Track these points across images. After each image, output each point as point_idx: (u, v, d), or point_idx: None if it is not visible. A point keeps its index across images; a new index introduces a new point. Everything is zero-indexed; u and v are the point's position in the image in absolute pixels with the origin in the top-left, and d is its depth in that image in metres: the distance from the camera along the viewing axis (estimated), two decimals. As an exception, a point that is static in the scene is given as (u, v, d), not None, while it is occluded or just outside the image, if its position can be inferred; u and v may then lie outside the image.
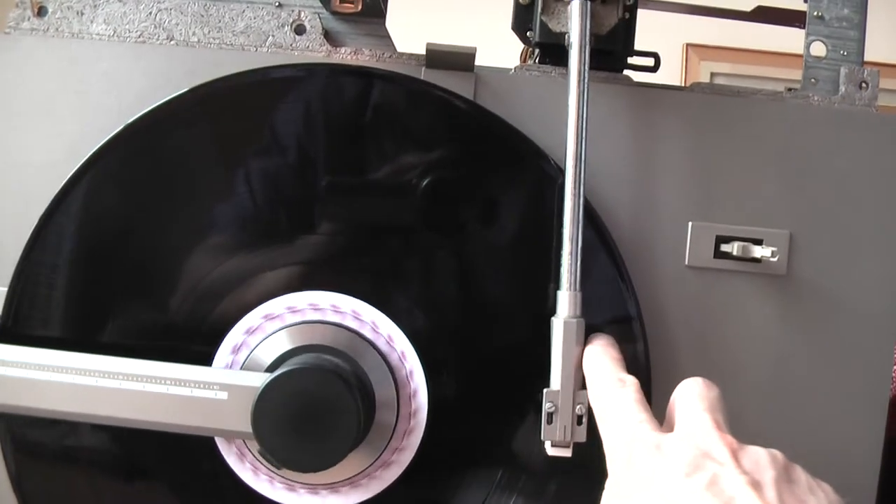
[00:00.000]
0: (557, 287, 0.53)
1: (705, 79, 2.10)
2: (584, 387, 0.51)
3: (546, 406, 0.51)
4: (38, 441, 0.58)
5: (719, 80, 1.97)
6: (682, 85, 0.61)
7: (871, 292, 0.60)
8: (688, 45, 2.06)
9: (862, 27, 0.62)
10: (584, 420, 0.51)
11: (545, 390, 0.51)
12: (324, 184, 0.57)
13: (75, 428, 0.57)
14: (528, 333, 0.56)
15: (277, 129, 0.57)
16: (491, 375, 0.58)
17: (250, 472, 0.58)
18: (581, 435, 0.51)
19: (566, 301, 0.52)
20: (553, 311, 0.53)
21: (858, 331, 0.60)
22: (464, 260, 0.58)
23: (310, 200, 0.57)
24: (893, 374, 0.67)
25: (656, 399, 0.57)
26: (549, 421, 0.51)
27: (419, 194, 0.57)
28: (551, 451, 0.51)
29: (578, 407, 0.51)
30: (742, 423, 0.58)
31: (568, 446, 0.51)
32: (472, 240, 0.58)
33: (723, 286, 0.59)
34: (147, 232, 0.57)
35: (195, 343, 0.57)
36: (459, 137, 0.58)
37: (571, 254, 0.52)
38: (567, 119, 0.53)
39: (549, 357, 0.52)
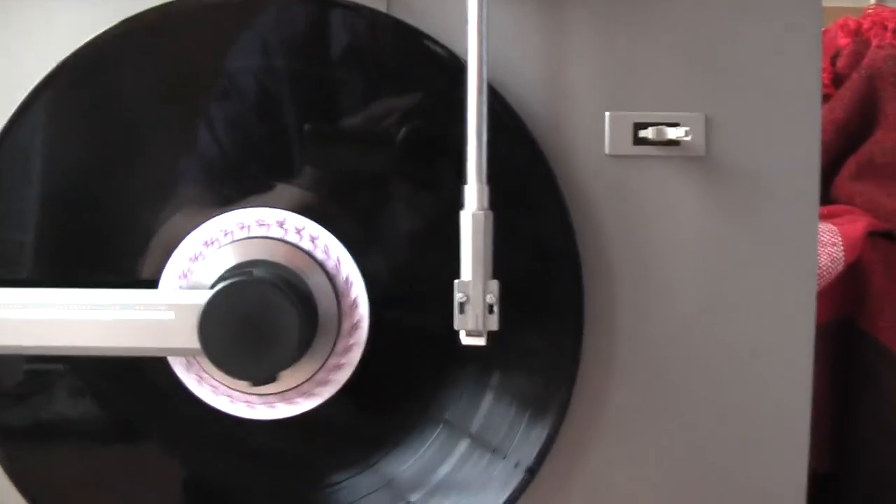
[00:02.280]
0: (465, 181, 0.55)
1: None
2: (494, 277, 0.53)
3: (458, 296, 0.54)
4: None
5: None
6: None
7: (788, 166, 0.61)
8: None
9: None
10: (496, 309, 0.53)
11: (456, 281, 0.54)
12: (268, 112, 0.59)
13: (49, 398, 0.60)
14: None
15: (202, 55, 0.59)
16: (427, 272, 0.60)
17: (209, 390, 0.60)
18: (493, 323, 0.54)
19: (474, 193, 0.54)
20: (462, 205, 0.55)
21: (779, 206, 0.61)
22: (406, 176, 0.60)
23: (259, 127, 0.60)
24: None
25: (589, 293, 0.60)
26: (461, 311, 0.54)
27: (350, 107, 0.60)
28: (465, 339, 0.54)
29: (489, 296, 0.53)
30: (671, 306, 0.61)
31: (481, 335, 0.54)
32: (402, 147, 0.60)
33: (644, 172, 0.61)
34: (91, 166, 0.60)
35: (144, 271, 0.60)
36: (375, 50, 0.60)
37: (478, 146, 0.54)
38: (468, 20, 0.55)
39: (458, 248, 0.54)
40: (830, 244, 0.80)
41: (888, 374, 0.81)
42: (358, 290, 0.60)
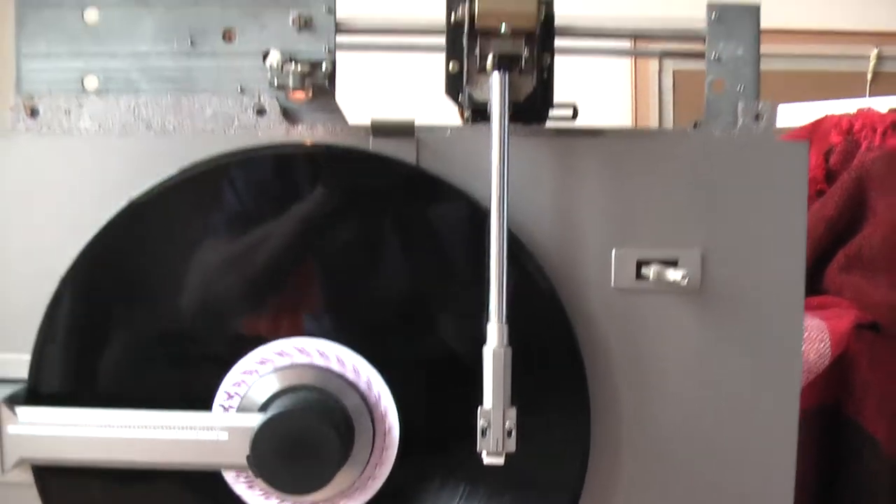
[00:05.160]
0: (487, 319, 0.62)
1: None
2: (512, 405, 0.61)
3: (480, 422, 0.61)
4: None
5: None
6: (598, 129, 0.69)
7: (775, 297, 0.69)
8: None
9: (755, 63, 0.70)
10: (514, 434, 0.61)
11: (479, 408, 0.61)
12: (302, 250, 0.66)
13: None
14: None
15: (253, 205, 0.66)
16: (451, 401, 0.67)
17: (260, 494, 0.68)
18: (511, 446, 0.61)
19: (495, 332, 0.61)
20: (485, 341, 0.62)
21: (766, 331, 0.69)
22: (427, 307, 0.68)
23: (294, 264, 0.67)
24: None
25: (595, 412, 0.67)
26: (483, 434, 0.61)
27: (385, 254, 0.67)
28: (487, 459, 0.61)
29: (508, 423, 0.61)
30: (671, 419, 0.69)
31: (501, 455, 0.61)
32: (429, 284, 0.68)
33: (646, 303, 0.68)
34: (148, 296, 0.67)
35: (197, 385, 0.67)
36: (408, 196, 0.67)
37: (498, 288, 0.61)
38: (491, 174, 0.62)
39: (482, 380, 0.61)
40: (818, 340, 0.87)
41: (871, 457, 0.87)
42: (387, 405, 0.67)
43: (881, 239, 0.96)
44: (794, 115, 1.42)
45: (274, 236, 0.66)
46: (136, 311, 0.67)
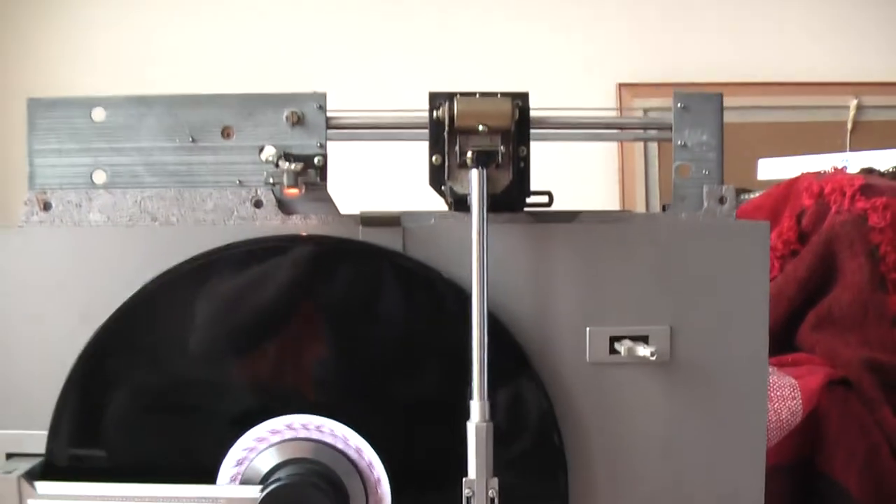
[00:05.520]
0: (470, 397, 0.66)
1: (640, 113, 2.19)
2: (494, 475, 0.66)
3: (466, 492, 0.66)
4: None
5: (652, 114, 2.05)
6: (572, 213, 0.74)
7: (739, 366, 0.74)
8: (620, 84, 2.16)
9: (719, 149, 0.75)
10: (496, 501, 0.65)
11: (464, 479, 0.66)
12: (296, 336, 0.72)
13: None
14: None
15: (253, 291, 0.71)
16: (441, 467, 0.72)
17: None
18: None
19: (477, 408, 0.66)
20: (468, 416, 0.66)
21: (733, 399, 0.74)
22: (413, 382, 0.73)
23: (287, 347, 0.72)
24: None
25: (572, 479, 0.72)
26: (469, 503, 0.66)
27: (374, 336, 0.72)
28: None
29: (490, 491, 0.66)
30: (640, 485, 0.73)
31: None
32: (415, 364, 0.73)
33: (619, 375, 0.73)
34: (157, 379, 0.72)
35: (206, 459, 0.72)
36: (395, 283, 0.72)
37: (479, 368, 0.66)
38: (472, 261, 0.67)
39: (465, 452, 0.66)
40: (791, 398, 0.91)
41: (842, 508, 0.92)
42: (379, 473, 0.72)
43: (850, 300, 1.01)
44: (773, 168, 1.46)
45: (267, 317, 0.71)
46: (142, 394, 0.72)
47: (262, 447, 0.71)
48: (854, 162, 1.20)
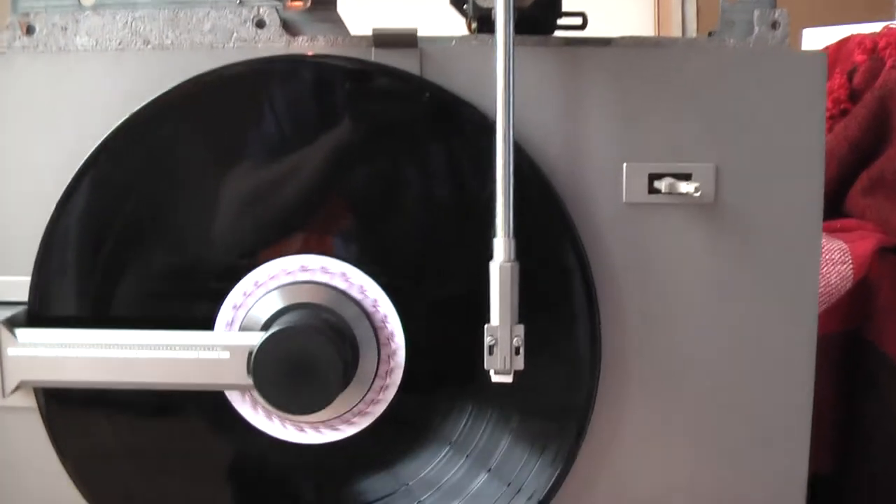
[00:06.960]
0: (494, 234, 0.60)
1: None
2: (519, 321, 0.59)
3: (487, 339, 0.60)
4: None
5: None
6: (606, 38, 0.67)
7: (789, 214, 0.66)
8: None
9: (772, -32, 0.67)
10: (522, 350, 0.59)
11: (486, 326, 0.60)
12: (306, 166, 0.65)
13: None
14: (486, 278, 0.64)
15: (254, 119, 0.65)
16: (457, 318, 0.66)
17: (263, 417, 0.67)
18: (519, 363, 0.60)
19: (501, 247, 0.60)
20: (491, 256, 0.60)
21: (783, 251, 0.67)
22: (429, 220, 0.66)
23: (296, 179, 0.65)
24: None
25: (605, 331, 0.66)
26: (490, 352, 0.60)
27: (385, 165, 0.66)
28: (495, 378, 0.60)
29: (515, 339, 0.59)
30: (681, 339, 0.67)
31: (508, 373, 0.60)
32: (435, 200, 0.66)
33: (658, 218, 0.66)
34: (148, 214, 0.66)
35: (202, 303, 0.66)
36: (411, 110, 0.65)
37: (505, 202, 0.60)
38: (497, 86, 0.60)
39: (489, 296, 0.60)
40: (840, 262, 0.84)
41: (890, 382, 0.86)
42: (393, 326, 0.66)
43: (905, 161, 0.94)
44: (818, 39, 1.38)
45: (280, 154, 0.65)
46: (131, 231, 0.66)
47: (266, 289, 0.65)
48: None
